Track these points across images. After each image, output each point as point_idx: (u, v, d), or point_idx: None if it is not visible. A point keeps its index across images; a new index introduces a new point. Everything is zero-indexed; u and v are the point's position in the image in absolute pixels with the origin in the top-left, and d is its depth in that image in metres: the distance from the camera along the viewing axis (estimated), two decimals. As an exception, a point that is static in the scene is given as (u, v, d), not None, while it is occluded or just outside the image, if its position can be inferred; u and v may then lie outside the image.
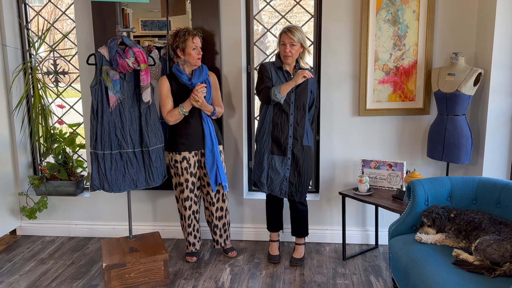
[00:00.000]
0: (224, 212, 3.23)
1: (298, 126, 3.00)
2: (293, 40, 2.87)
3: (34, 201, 3.70)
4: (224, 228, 3.26)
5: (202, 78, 3.03)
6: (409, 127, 3.34)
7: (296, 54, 2.95)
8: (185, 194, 3.12)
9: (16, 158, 3.66)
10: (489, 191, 2.50)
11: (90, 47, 3.42)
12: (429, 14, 3.14)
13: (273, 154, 3.04)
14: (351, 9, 3.22)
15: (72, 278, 3.04)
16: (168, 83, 3.03)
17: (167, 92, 3.03)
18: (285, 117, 2.99)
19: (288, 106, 2.98)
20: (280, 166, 3.03)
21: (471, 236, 2.29)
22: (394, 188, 3.18)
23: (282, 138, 3.00)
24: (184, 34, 2.93)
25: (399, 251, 2.44)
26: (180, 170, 3.08)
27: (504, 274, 2.02)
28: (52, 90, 3.72)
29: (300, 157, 3.01)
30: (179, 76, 3.00)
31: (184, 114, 2.98)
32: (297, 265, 3.15)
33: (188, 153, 3.07)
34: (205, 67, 3.08)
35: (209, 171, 3.08)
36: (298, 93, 2.97)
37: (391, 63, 3.24)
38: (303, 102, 2.98)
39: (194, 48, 2.94)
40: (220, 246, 3.28)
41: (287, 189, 3.05)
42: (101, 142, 2.93)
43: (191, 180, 3.11)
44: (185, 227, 3.20)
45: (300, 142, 3.01)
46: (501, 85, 3.00)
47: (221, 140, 3.22)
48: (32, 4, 3.75)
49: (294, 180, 3.03)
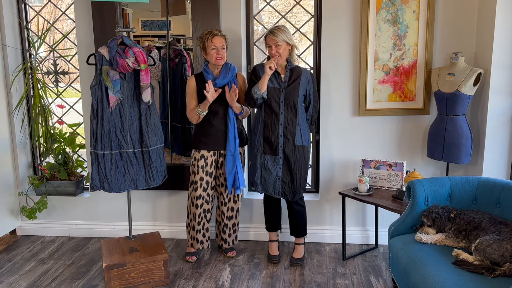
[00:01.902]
0: (235, 212, 3.24)
1: (289, 125, 2.98)
2: (276, 41, 2.87)
3: (34, 201, 3.70)
4: (234, 228, 3.27)
5: (227, 79, 3.01)
6: (409, 127, 3.34)
7: (285, 53, 2.93)
8: (198, 192, 3.11)
9: (16, 158, 3.66)
10: (489, 191, 2.50)
11: (90, 47, 3.42)
12: (429, 14, 3.14)
13: (265, 153, 3.04)
14: (351, 9, 3.22)
15: (72, 278, 3.04)
16: (195, 83, 3.05)
17: (192, 92, 3.06)
18: (275, 117, 2.99)
19: (278, 105, 2.97)
20: (272, 166, 3.03)
21: (471, 236, 2.29)
22: (394, 188, 3.18)
23: (273, 137, 3.00)
24: (206, 34, 2.96)
25: (399, 251, 2.44)
26: (196, 168, 3.09)
27: (504, 274, 2.02)
28: (52, 90, 3.72)
29: (291, 156, 3.00)
30: (205, 75, 3.02)
31: (200, 114, 2.99)
32: (297, 265, 3.15)
33: (207, 152, 3.09)
34: (234, 68, 3.06)
35: (228, 174, 3.07)
36: (288, 92, 2.97)
37: (391, 63, 3.24)
38: (293, 101, 2.96)
39: (213, 48, 2.93)
40: (228, 246, 3.29)
41: (280, 188, 3.05)
42: (101, 142, 2.93)
43: (206, 179, 3.11)
44: (191, 225, 3.19)
45: (292, 142, 2.99)
46: (501, 85, 3.00)
47: (245, 141, 3.20)
48: (32, 4, 3.75)
49: (287, 179, 3.03)
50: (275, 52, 2.90)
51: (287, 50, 2.95)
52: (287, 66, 3.00)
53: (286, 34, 2.90)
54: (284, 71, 3.01)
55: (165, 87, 3.40)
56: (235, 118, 3.05)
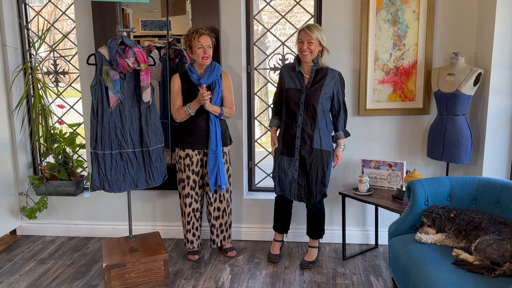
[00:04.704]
0: (221, 212, 3.23)
1: (307, 128, 2.92)
2: (311, 38, 2.81)
3: (34, 201, 3.70)
4: (221, 228, 3.26)
5: (212, 79, 3.00)
6: (409, 127, 3.34)
7: (315, 52, 2.87)
8: (186, 191, 3.14)
9: (16, 158, 3.66)
10: (489, 191, 2.50)
11: (90, 47, 3.42)
12: (429, 14, 3.14)
13: (283, 154, 3.03)
14: (351, 9, 3.22)
15: (72, 278, 3.04)
16: (179, 81, 3.05)
17: (177, 90, 3.05)
18: (293, 118, 2.96)
19: (297, 106, 2.93)
20: (288, 167, 3.01)
21: (471, 236, 2.29)
22: (394, 188, 3.18)
23: (290, 138, 2.98)
24: (192, 33, 2.94)
25: (399, 251, 2.44)
26: (183, 166, 3.11)
27: (504, 274, 2.02)
28: (52, 90, 3.72)
29: (307, 160, 2.94)
30: (190, 75, 3.02)
31: (190, 114, 2.99)
32: (307, 267, 3.10)
33: (191, 151, 3.09)
34: (219, 67, 3.05)
35: (210, 172, 3.08)
36: (309, 93, 2.90)
37: (391, 63, 3.24)
38: (313, 103, 2.89)
39: (200, 47, 2.92)
40: (216, 246, 3.28)
41: (295, 190, 3.01)
42: (101, 142, 2.93)
43: (193, 177, 3.12)
44: (184, 223, 3.21)
45: (310, 145, 2.92)
46: (501, 85, 3.00)
47: (229, 141, 3.22)
48: (32, 4, 3.75)
49: (303, 182, 2.99)
50: (306, 48, 2.84)
51: (317, 50, 2.88)
52: (313, 67, 2.93)
53: (321, 33, 2.86)
54: (309, 72, 2.95)
55: (165, 87, 3.40)
56: (215, 118, 3.04)
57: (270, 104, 3.79)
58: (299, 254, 3.34)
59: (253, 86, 3.55)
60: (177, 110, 3.04)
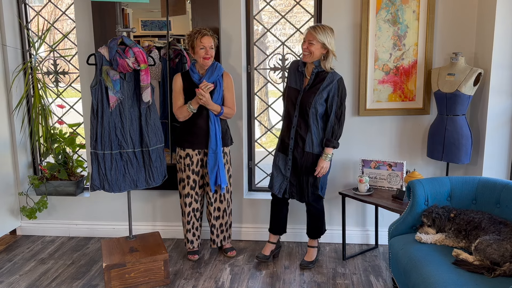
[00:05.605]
0: (222, 212, 3.23)
1: (300, 130, 2.91)
2: (312, 38, 2.77)
3: (34, 201, 3.70)
4: (221, 228, 3.26)
5: (213, 78, 3.01)
6: (409, 127, 3.34)
7: (316, 54, 2.81)
8: (186, 191, 3.14)
9: (16, 158, 3.66)
10: (489, 191, 2.50)
11: (90, 47, 3.42)
12: (429, 14, 3.14)
13: (279, 151, 3.04)
14: (351, 9, 3.22)
15: (72, 278, 3.04)
16: (181, 81, 3.06)
17: (179, 89, 3.06)
18: (290, 118, 2.97)
19: (293, 107, 2.93)
20: (283, 165, 3.02)
21: (471, 236, 2.29)
22: (394, 188, 3.18)
23: (286, 138, 3.00)
24: (195, 33, 2.95)
25: (399, 251, 2.44)
26: (183, 166, 3.12)
27: (504, 274, 2.02)
28: (52, 90, 3.72)
29: (298, 161, 2.95)
30: (191, 74, 3.03)
31: (192, 111, 3.00)
32: (307, 267, 3.10)
33: (191, 150, 3.09)
34: (220, 67, 3.05)
35: (210, 172, 3.08)
36: (304, 95, 2.88)
37: (391, 63, 3.24)
38: (305, 106, 2.86)
39: (202, 48, 2.93)
40: (216, 246, 3.28)
41: (287, 188, 3.02)
42: (101, 142, 2.93)
43: (193, 177, 3.12)
44: (184, 223, 3.21)
45: (302, 147, 2.91)
46: (501, 85, 3.00)
47: (230, 141, 3.22)
48: (32, 4, 3.75)
49: (295, 181, 3.01)
50: (306, 48, 2.80)
51: (319, 52, 2.82)
52: (313, 70, 2.89)
53: (327, 36, 2.78)
54: (310, 73, 2.91)
55: (165, 87, 3.40)
56: (215, 117, 3.04)
57: (270, 104, 3.80)
58: (299, 254, 3.34)
59: (253, 86, 3.55)
60: (179, 109, 3.05)
